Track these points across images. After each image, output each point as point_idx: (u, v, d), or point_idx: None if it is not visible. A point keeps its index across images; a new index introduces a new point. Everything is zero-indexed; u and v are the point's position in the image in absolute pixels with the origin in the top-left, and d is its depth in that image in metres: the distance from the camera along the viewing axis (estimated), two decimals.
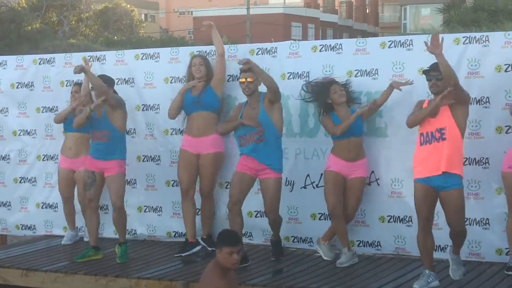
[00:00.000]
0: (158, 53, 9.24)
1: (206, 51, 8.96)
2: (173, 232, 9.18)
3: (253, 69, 7.68)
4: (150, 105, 9.18)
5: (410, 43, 8.08)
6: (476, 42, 7.81)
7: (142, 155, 9.24)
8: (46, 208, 9.80)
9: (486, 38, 7.78)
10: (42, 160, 9.80)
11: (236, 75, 8.62)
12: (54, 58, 9.81)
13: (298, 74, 8.50)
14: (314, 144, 8.41)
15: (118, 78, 9.24)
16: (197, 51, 9.03)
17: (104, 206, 9.25)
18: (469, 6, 20.81)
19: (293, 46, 8.61)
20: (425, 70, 7.12)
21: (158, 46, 32.31)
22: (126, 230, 8.58)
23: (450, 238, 7.17)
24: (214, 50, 8.77)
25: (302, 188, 8.49)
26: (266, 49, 8.70)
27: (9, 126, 9.96)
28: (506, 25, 16.10)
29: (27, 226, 9.95)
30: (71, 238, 9.29)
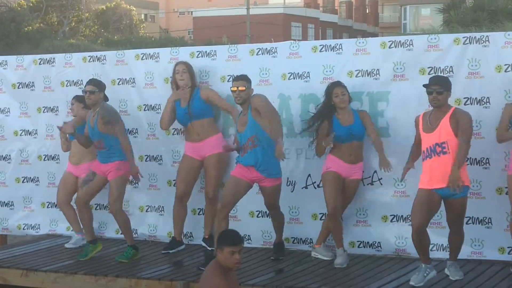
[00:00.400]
0: (158, 53, 9.24)
1: (206, 51, 8.96)
2: (173, 232, 9.17)
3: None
4: (151, 105, 9.18)
5: (410, 43, 8.08)
6: (476, 42, 7.81)
7: (144, 155, 9.25)
8: (51, 207, 9.79)
9: (486, 38, 7.79)
10: (43, 160, 9.81)
11: (236, 75, 8.62)
12: (54, 58, 9.81)
13: (298, 74, 8.50)
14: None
15: (118, 78, 9.27)
16: (197, 51, 9.03)
17: (104, 205, 9.24)
18: (469, 6, 20.83)
19: (293, 46, 8.61)
20: (425, 84, 7.11)
21: (156, 46, 32.30)
22: (131, 232, 8.57)
23: (448, 242, 7.23)
24: (214, 50, 8.80)
25: (303, 188, 8.49)
26: (266, 49, 8.69)
27: (10, 126, 9.97)
28: (506, 25, 16.13)
29: (31, 225, 9.95)
30: (76, 242, 9.20)
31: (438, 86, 6.95)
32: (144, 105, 9.23)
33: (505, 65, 7.69)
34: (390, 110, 8.07)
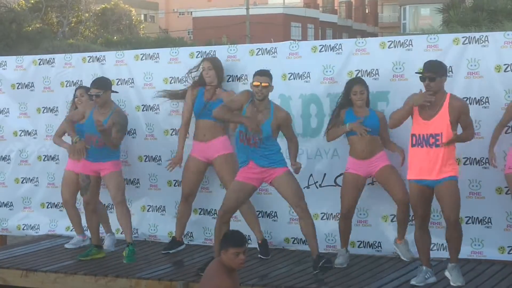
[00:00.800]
0: (158, 53, 9.24)
1: (205, 51, 8.96)
2: (174, 232, 9.17)
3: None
4: (150, 105, 9.18)
5: (410, 43, 8.09)
6: (475, 42, 7.82)
7: (143, 155, 9.25)
8: (51, 207, 9.80)
9: (486, 38, 7.79)
10: (43, 160, 9.81)
11: (236, 75, 8.64)
12: (54, 58, 9.81)
13: (298, 74, 8.50)
14: (317, 144, 8.40)
15: (118, 79, 9.27)
16: (196, 51, 9.03)
17: (109, 205, 9.22)
18: (468, 6, 20.84)
19: (293, 47, 8.61)
20: (417, 72, 7.11)
21: (154, 46, 32.35)
22: (131, 229, 8.54)
23: (446, 241, 7.17)
24: (214, 51, 8.80)
25: (305, 188, 8.46)
26: (266, 49, 8.69)
27: (9, 126, 9.97)
28: (506, 25, 16.14)
29: (30, 226, 9.95)
30: (76, 243, 9.19)
31: (430, 73, 6.92)
32: (142, 105, 9.23)
33: (504, 65, 7.69)
34: (390, 110, 8.05)
